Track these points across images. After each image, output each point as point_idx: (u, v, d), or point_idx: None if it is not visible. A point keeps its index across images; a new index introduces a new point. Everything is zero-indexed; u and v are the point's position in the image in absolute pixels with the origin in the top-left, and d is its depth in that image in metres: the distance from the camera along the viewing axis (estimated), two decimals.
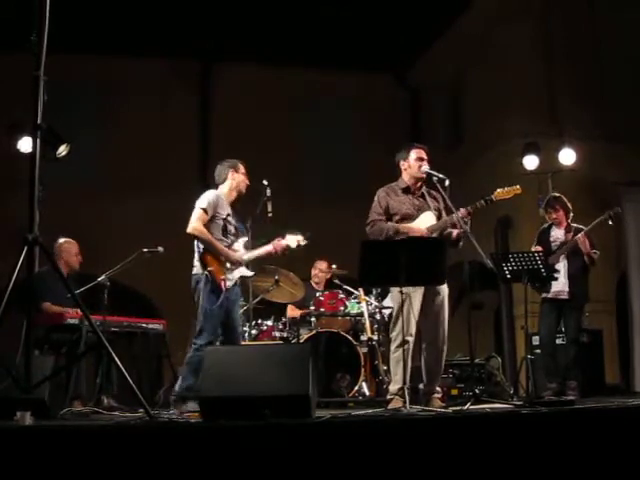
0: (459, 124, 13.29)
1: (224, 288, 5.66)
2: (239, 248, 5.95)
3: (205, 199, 5.79)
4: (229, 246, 5.86)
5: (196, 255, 5.75)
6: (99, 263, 7.19)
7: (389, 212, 5.74)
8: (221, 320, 5.70)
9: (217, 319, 5.66)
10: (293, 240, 6.11)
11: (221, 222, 5.83)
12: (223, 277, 5.69)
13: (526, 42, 11.19)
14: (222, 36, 11.95)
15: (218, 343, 5.78)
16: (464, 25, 12.07)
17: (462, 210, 5.57)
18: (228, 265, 5.77)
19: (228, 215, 5.90)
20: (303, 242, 6.17)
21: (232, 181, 5.99)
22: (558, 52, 11.19)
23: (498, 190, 5.79)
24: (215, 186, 6.03)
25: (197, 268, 5.72)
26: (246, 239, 6.07)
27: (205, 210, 5.73)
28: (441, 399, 5.76)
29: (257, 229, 6.36)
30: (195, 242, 5.75)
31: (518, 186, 5.84)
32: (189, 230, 5.72)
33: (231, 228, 5.91)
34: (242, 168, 6.04)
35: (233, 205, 6.04)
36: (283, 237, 6.10)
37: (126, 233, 10.41)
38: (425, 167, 5.72)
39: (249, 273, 5.98)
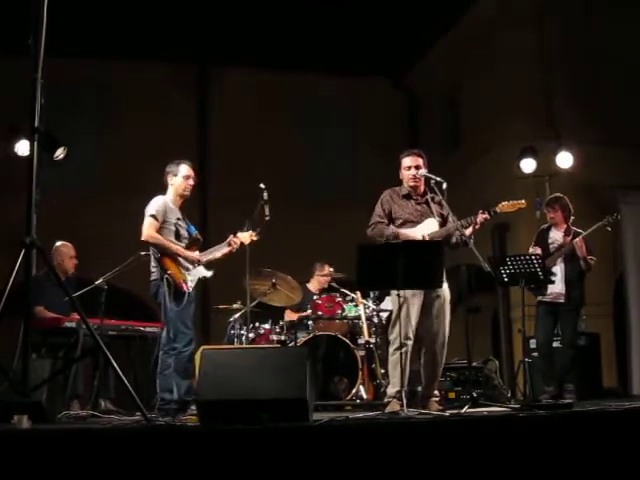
0: (457, 127, 13.31)
1: (186, 290, 5.70)
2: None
3: (154, 206, 5.80)
4: (185, 249, 5.87)
5: (152, 261, 5.77)
6: (97, 266, 7.19)
7: (391, 216, 5.75)
8: (192, 319, 5.75)
9: (188, 318, 5.70)
10: (245, 237, 6.21)
11: (172, 227, 5.85)
12: (183, 279, 5.72)
13: (524, 46, 11.21)
14: (221, 40, 11.96)
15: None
16: (462, 29, 12.09)
17: (471, 229, 5.60)
18: (188, 266, 5.79)
19: (178, 219, 5.91)
20: (255, 237, 6.26)
21: (171, 187, 6.00)
22: (556, 56, 11.22)
23: (503, 203, 5.81)
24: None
25: (155, 273, 5.74)
26: (201, 240, 6.05)
27: (155, 217, 5.75)
28: (439, 402, 5.75)
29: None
30: (150, 249, 5.78)
31: (523, 200, 5.86)
32: (143, 238, 5.75)
33: (183, 232, 5.92)
34: (184, 171, 5.98)
35: (181, 208, 6.03)
36: (235, 235, 6.17)
37: (124, 237, 10.38)
38: (422, 171, 5.73)
39: (208, 273, 6.00)
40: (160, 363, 5.72)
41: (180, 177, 5.96)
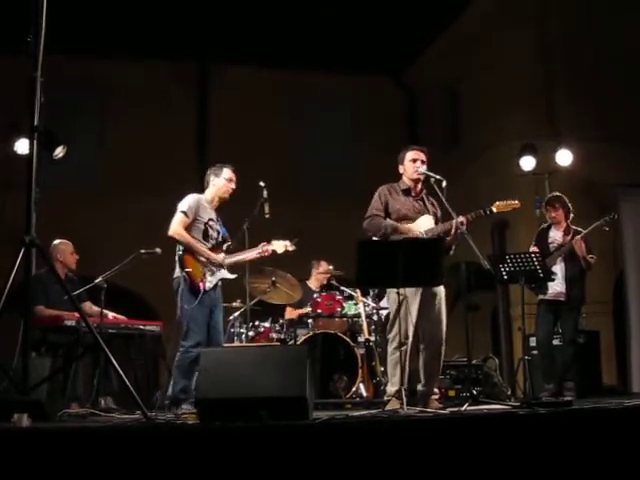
0: (457, 125, 13.31)
1: (202, 289, 5.69)
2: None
3: (186, 203, 5.84)
4: (210, 249, 5.88)
5: (176, 258, 5.78)
6: (97, 264, 7.18)
7: (388, 210, 5.73)
8: (206, 321, 5.73)
9: (201, 319, 5.68)
10: (280, 245, 6.21)
11: (202, 226, 5.87)
12: (201, 278, 5.73)
13: (524, 43, 11.22)
14: (221, 37, 11.97)
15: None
16: (462, 26, 12.09)
17: (461, 218, 5.58)
18: (211, 267, 5.80)
19: (210, 220, 5.93)
20: (290, 247, 6.27)
21: (213, 187, 6.03)
22: (556, 53, 11.22)
23: (498, 203, 5.82)
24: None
25: (176, 271, 5.76)
26: (229, 243, 6.06)
27: (185, 213, 5.78)
28: (438, 400, 5.74)
29: (254, 230, 6.33)
30: (177, 245, 5.79)
31: (517, 201, 5.87)
32: (170, 233, 5.77)
33: (212, 233, 5.93)
34: (227, 174, 6.04)
35: (217, 209, 6.05)
36: (269, 242, 6.17)
37: (124, 235, 10.41)
38: (422, 168, 5.72)
39: (230, 276, 5.99)
40: None
41: (222, 179, 6.02)
